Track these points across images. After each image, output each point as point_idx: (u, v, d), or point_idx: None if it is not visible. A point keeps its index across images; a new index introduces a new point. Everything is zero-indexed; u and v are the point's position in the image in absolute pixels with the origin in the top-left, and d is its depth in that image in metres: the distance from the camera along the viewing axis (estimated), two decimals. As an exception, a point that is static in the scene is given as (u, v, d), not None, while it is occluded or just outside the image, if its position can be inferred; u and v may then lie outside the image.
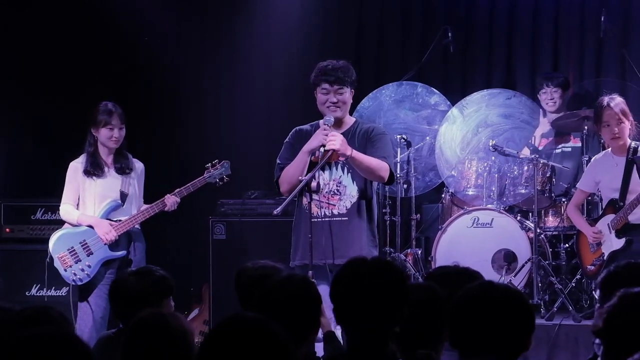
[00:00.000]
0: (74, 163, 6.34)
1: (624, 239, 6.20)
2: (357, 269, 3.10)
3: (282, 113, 8.39)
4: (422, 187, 7.81)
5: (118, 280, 4.16)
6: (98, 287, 6.18)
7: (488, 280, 3.18)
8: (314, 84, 5.52)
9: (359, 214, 5.42)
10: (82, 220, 6.24)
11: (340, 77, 5.45)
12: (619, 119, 6.19)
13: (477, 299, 2.90)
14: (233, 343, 2.37)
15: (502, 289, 2.98)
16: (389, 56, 8.66)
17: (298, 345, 3.13)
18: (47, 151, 8.04)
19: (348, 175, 5.44)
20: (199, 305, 8.01)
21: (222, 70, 8.66)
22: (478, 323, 2.85)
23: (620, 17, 8.09)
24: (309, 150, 5.36)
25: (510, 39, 8.50)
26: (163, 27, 8.56)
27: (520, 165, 7.18)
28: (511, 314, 2.87)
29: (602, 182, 6.37)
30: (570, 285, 6.90)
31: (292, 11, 8.64)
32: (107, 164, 6.32)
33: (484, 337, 2.84)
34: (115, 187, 6.31)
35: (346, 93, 5.48)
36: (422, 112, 7.87)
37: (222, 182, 6.50)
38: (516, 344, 2.88)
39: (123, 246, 6.27)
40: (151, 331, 2.89)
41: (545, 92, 7.68)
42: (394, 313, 3.04)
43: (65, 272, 6.19)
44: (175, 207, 6.35)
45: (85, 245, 6.20)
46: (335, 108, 5.46)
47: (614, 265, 3.54)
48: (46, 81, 8.27)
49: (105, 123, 6.26)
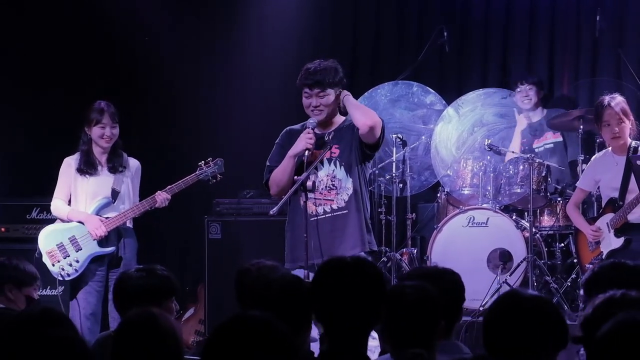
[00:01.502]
0: (68, 159, 6.35)
1: (623, 238, 6.18)
2: (336, 268, 3.14)
3: (277, 112, 8.37)
4: (418, 187, 7.81)
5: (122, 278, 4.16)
6: (88, 284, 6.18)
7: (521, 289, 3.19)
8: (298, 87, 5.51)
9: (357, 205, 5.44)
10: (72, 216, 6.25)
11: (319, 80, 5.39)
12: (619, 119, 6.18)
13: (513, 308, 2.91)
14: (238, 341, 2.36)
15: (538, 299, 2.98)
16: (385, 55, 8.67)
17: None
18: (42, 150, 8.03)
19: (341, 168, 5.44)
20: (194, 305, 8.01)
21: (218, 69, 8.65)
22: (512, 332, 2.86)
23: (615, 16, 8.10)
24: (294, 155, 5.37)
25: (505, 38, 8.50)
26: (159, 26, 8.55)
27: (515, 165, 7.19)
28: (547, 327, 2.87)
29: (602, 181, 6.35)
30: (565, 285, 6.92)
31: (287, 10, 8.64)
32: (101, 163, 6.32)
33: (517, 347, 2.84)
34: (107, 185, 6.29)
35: (329, 95, 5.43)
36: (417, 111, 7.87)
37: (215, 179, 6.48)
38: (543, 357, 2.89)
39: (113, 242, 6.25)
40: (140, 330, 2.89)
41: (521, 91, 7.70)
42: (371, 311, 3.06)
43: (54, 268, 6.19)
44: (166, 203, 6.32)
45: (75, 240, 6.19)
46: (318, 112, 5.44)
47: (599, 265, 3.52)
48: (42, 80, 8.26)
49: (97, 121, 6.25)
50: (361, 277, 3.08)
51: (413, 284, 3.35)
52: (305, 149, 5.30)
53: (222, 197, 7.49)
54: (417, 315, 3.24)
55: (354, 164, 5.45)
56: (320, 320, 3.14)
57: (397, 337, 3.25)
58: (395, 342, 3.26)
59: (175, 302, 4.00)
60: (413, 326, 3.24)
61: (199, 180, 6.42)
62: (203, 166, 6.44)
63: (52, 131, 8.09)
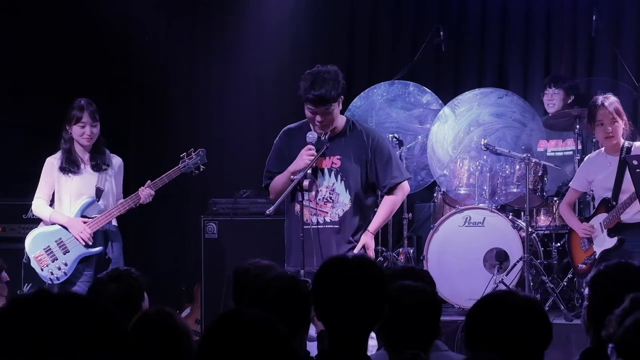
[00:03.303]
0: (50, 159, 6.30)
1: (616, 238, 6.20)
2: (337, 266, 3.13)
3: (273, 112, 8.38)
4: (414, 186, 7.80)
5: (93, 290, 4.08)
6: (77, 285, 6.16)
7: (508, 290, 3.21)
8: (301, 99, 5.38)
9: (352, 221, 5.39)
10: (54, 219, 6.20)
11: (323, 97, 5.24)
12: (612, 118, 6.19)
13: (494, 306, 2.92)
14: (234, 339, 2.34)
15: (522, 298, 2.99)
16: (381, 55, 8.67)
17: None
18: (37, 150, 8.00)
19: (341, 183, 5.40)
20: (190, 305, 8.00)
21: (213, 69, 8.65)
22: (495, 332, 2.87)
23: (611, 16, 8.11)
24: (294, 172, 5.27)
25: (502, 38, 8.51)
26: (154, 26, 8.54)
27: (512, 165, 7.19)
28: (531, 326, 2.89)
29: (595, 181, 6.36)
30: (561, 284, 6.92)
31: (283, 10, 8.63)
32: (84, 161, 6.27)
33: (499, 345, 2.85)
34: (91, 184, 6.25)
35: (334, 109, 5.32)
36: (414, 111, 7.87)
37: (198, 170, 6.42)
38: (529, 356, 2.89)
39: (100, 242, 6.22)
40: (156, 326, 2.90)
41: (547, 94, 7.70)
42: (373, 311, 3.06)
43: (42, 272, 6.17)
44: (150, 199, 6.27)
45: (62, 243, 6.17)
46: (322, 126, 5.35)
47: (604, 264, 3.54)
48: (37, 79, 8.25)
49: (77, 120, 6.20)
50: (363, 276, 3.07)
51: (412, 285, 3.35)
52: (307, 167, 5.22)
53: (218, 197, 7.49)
54: (417, 316, 3.24)
55: (357, 180, 5.40)
56: (321, 320, 3.13)
57: (395, 337, 3.25)
58: (393, 342, 3.25)
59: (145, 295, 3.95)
60: (412, 327, 3.24)
61: (182, 173, 6.37)
62: (185, 158, 6.39)
63: (47, 131, 8.07)
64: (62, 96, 8.09)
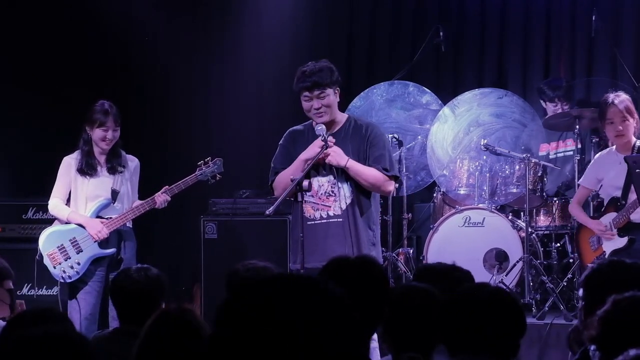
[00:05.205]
0: (67, 158, 6.29)
1: (626, 237, 6.15)
2: (339, 267, 3.12)
3: (273, 112, 8.38)
4: (414, 187, 7.81)
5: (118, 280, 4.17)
6: (88, 285, 6.17)
7: (481, 282, 3.19)
8: (296, 91, 5.45)
9: (355, 214, 5.41)
10: (72, 219, 6.22)
11: (317, 81, 5.32)
12: (623, 117, 6.15)
13: (468, 299, 2.91)
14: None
15: (493, 289, 2.98)
16: (381, 55, 8.67)
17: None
18: (38, 150, 8.02)
19: (342, 176, 5.42)
20: (190, 305, 8.00)
21: (213, 69, 8.65)
22: (468, 323, 2.86)
23: (611, 16, 8.11)
24: (306, 159, 5.30)
25: (501, 38, 8.51)
26: (154, 26, 8.54)
27: (511, 165, 7.19)
28: (502, 315, 2.88)
29: (605, 179, 6.29)
30: (561, 285, 6.91)
31: (283, 10, 8.63)
32: (100, 163, 6.28)
33: (475, 338, 2.85)
34: (107, 186, 6.27)
35: (329, 95, 5.36)
36: (413, 111, 7.87)
37: (215, 179, 6.47)
38: (506, 346, 2.88)
39: (113, 244, 6.24)
40: (176, 324, 2.90)
41: (556, 105, 7.66)
42: (374, 312, 3.05)
43: (55, 270, 6.18)
44: (165, 204, 6.32)
45: (75, 242, 6.18)
46: (321, 113, 5.39)
47: (597, 263, 3.51)
48: (37, 80, 8.25)
49: (101, 123, 6.20)
50: (365, 277, 3.07)
51: (419, 287, 3.33)
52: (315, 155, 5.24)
53: (218, 197, 7.49)
54: (421, 319, 3.22)
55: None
56: None
57: (398, 339, 3.23)
58: (396, 344, 3.24)
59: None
60: (416, 330, 3.22)
61: (199, 180, 6.41)
62: (202, 166, 6.42)
63: (48, 131, 8.08)
64: (61, 96, 8.12)
